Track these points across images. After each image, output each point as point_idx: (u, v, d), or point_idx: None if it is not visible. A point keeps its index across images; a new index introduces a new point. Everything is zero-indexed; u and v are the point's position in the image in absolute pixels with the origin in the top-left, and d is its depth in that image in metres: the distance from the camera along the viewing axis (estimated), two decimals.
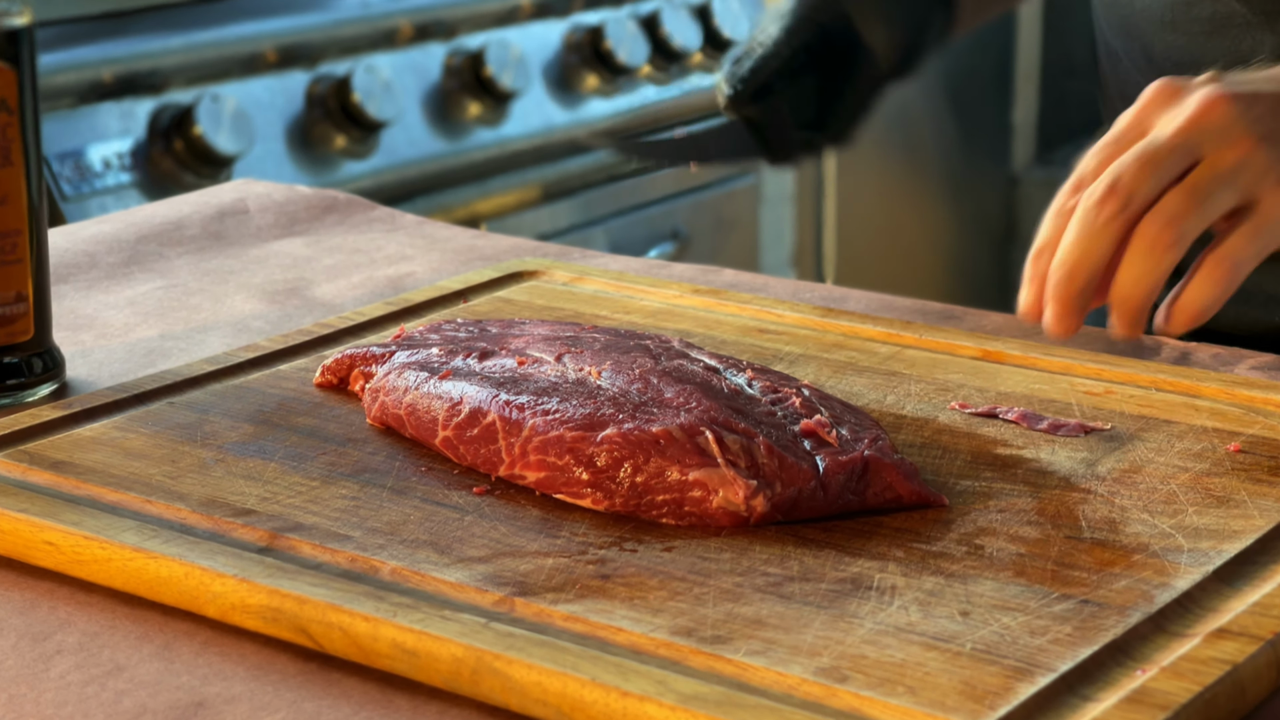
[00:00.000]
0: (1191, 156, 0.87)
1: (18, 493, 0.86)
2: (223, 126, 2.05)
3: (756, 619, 0.74)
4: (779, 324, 1.10)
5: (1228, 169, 0.86)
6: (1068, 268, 0.87)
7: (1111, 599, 0.75)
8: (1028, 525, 0.82)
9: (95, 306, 1.21)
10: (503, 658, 0.71)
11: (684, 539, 0.81)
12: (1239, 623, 0.73)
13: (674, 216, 2.65)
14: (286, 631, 0.76)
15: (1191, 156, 0.87)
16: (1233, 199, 0.87)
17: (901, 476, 0.84)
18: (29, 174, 1.02)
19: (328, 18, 2.24)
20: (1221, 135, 0.87)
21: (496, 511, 0.84)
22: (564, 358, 0.93)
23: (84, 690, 0.74)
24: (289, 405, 0.98)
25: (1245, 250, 0.87)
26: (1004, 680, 0.69)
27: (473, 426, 0.88)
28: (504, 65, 2.35)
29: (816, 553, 0.80)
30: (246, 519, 0.83)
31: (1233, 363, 1.05)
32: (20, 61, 1.01)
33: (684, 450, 0.83)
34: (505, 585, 0.77)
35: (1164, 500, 0.85)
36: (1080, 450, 0.91)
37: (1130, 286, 0.86)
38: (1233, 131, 0.87)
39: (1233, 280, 0.87)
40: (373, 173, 2.21)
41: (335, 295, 1.22)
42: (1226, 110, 0.87)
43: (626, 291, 1.17)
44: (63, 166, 1.94)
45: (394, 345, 1.00)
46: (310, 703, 0.72)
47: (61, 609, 0.80)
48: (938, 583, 0.77)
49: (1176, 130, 0.87)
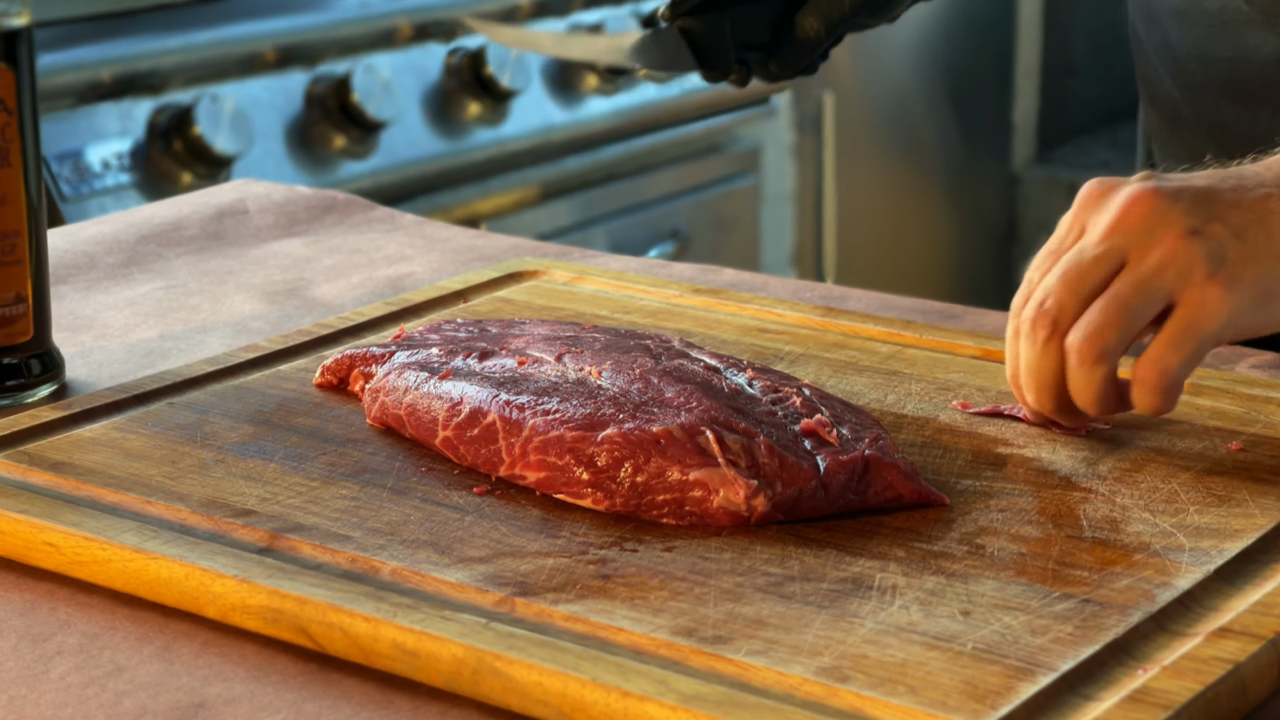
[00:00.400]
0: (1117, 261, 0.86)
1: (18, 494, 0.86)
2: (222, 127, 2.05)
3: (757, 619, 0.74)
4: (779, 323, 1.10)
5: (1150, 271, 0.85)
6: (1034, 393, 0.89)
7: (1113, 598, 0.75)
8: (1029, 524, 0.82)
9: (95, 307, 1.21)
10: (503, 658, 0.71)
11: (684, 539, 0.81)
12: (1240, 621, 0.73)
13: (674, 216, 2.65)
14: (287, 632, 0.76)
15: (1117, 261, 0.86)
16: (1157, 303, 0.86)
17: (902, 476, 0.84)
18: (28, 175, 1.02)
19: (327, 18, 2.24)
20: (1146, 234, 0.86)
21: (497, 512, 0.84)
22: (564, 358, 0.93)
23: (84, 691, 0.74)
24: (289, 406, 0.98)
25: (1171, 357, 0.86)
26: (1005, 680, 0.69)
27: (473, 426, 0.88)
28: (503, 65, 2.35)
29: (817, 552, 0.80)
30: (246, 519, 0.83)
31: (1234, 361, 1.05)
32: (19, 62, 1.01)
33: (684, 450, 0.83)
34: (506, 585, 0.77)
35: (1165, 499, 0.85)
36: (1081, 449, 0.91)
37: (1077, 397, 0.87)
38: (1156, 229, 0.86)
39: (1169, 384, 0.86)
40: (372, 173, 2.21)
41: (335, 295, 1.22)
42: (1151, 207, 0.86)
43: (626, 291, 1.17)
44: (62, 167, 1.94)
45: (394, 345, 1.00)
46: (311, 703, 0.72)
47: (62, 610, 0.80)
48: (939, 582, 0.77)
49: (1101, 236, 0.86)
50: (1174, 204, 0.86)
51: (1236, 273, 0.86)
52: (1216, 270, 0.85)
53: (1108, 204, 0.88)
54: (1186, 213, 0.86)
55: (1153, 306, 0.85)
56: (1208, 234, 0.86)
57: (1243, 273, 0.86)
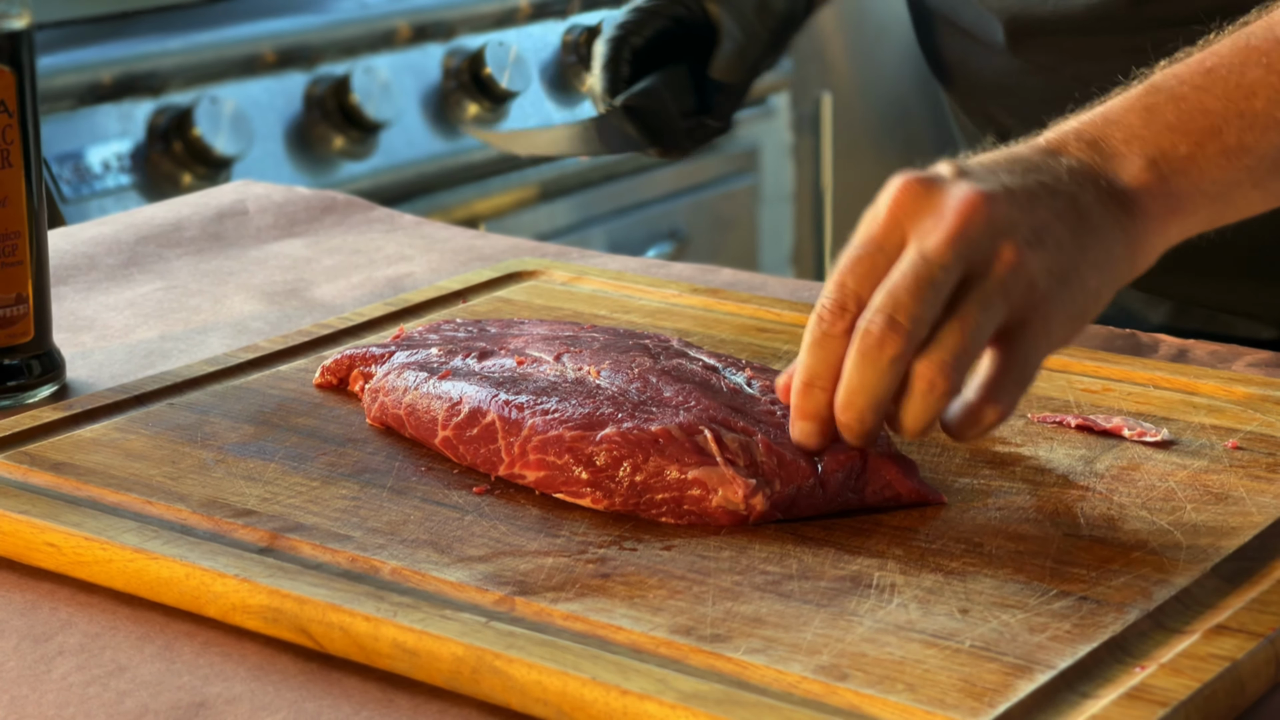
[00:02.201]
0: (960, 272, 0.81)
1: (19, 494, 0.86)
2: (222, 128, 2.06)
3: (756, 617, 0.74)
4: (778, 323, 1.10)
5: (997, 288, 0.81)
6: (858, 410, 0.81)
7: (1110, 596, 0.75)
8: (1027, 523, 0.83)
9: (95, 308, 1.21)
10: (503, 657, 0.71)
11: (683, 538, 0.82)
12: (1238, 619, 0.73)
13: (673, 216, 2.65)
14: (287, 632, 0.76)
15: (960, 272, 0.81)
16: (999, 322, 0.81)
17: (900, 474, 0.84)
18: (29, 176, 1.02)
19: (326, 19, 2.24)
20: (988, 244, 0.81)
21: (496, 511, 0.84)
22: (563, 357, 0.94)
23: (86, 691, 0.74)
24: (289, 406, 0.98)
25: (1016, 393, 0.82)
26: (1003, 677, 0.69)
27: (472, 426, 0.88)
28: (502, 66, 2.35)
29: (816, 551, 0.80)
30: (247, 519, 0.83)
31: (1230, 360, 1.06)
32: (20, 64, 1.01)
33: (683, 449, 0.83)
34: (505, 584, 0.77)
35: (1162, 497, 0.85)
36: (1079, 448, 0.91)
37: (910, 423, 0.81)
38: (997, 240, 0.81)
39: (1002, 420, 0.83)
40: (371, 173, 2.21)
41: (334, 296, 1.22)
42: (987, 215, 0.81)
43: (625, 291, 1.17)
44: (62, 168, 1.94)
45: (393, 345, 1.01)
46: (311, 703, 0.72)
47: (63, 610, 0.80)
48: (937, 580, 0.77)
49: (943, 243, 0.80)
50: (1009, 210, 0.82)
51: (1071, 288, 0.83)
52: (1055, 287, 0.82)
53: (940, 207, 0.82)
54: (1021, 221, 0.82)
55: (991, 329, 0.81)
56: (1043, 245, 0.82)
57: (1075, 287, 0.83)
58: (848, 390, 0.81)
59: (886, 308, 0.80)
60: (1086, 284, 0.83)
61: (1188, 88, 0.88)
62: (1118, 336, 1.11)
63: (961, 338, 0.80)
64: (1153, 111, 0.88)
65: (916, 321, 0.80)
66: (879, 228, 0.82)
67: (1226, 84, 0.88)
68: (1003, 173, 0.84)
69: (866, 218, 0.83)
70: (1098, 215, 0.84)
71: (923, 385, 0.80)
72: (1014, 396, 0.82)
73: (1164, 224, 0.87)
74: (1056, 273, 0.82)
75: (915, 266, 0.80)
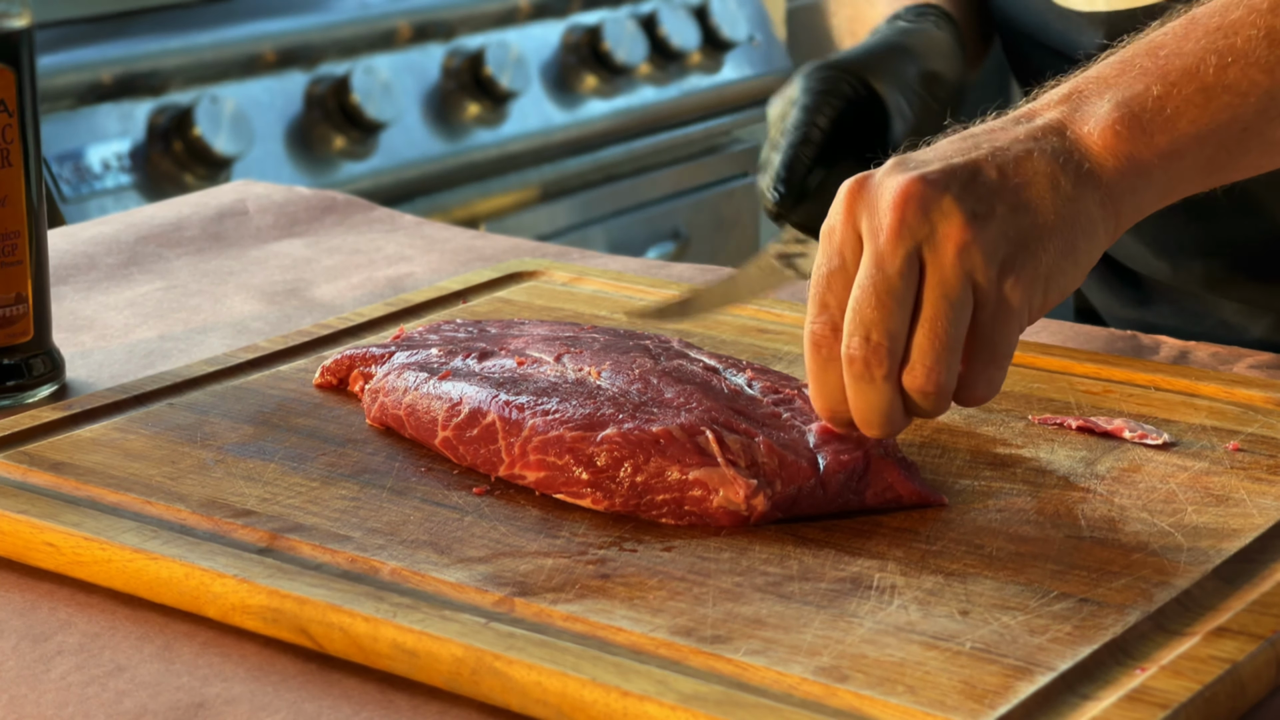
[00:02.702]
0: (916, 267, 0.80)
1: (18, 494, 0.86)
2: (222, 128, 2.06)
3: (756, 618, 0.74)
4: (778, 323, 1.10)
5: (953, 278, 0.79)
6: (880, 427, 0.82)
7: (1111, 598, 0.75)
8: (1027, 524, 0.83)
9: (95, 308, 1.21)
10: (503, 658, 0.71)
11: (683, 539, 0.81)
12: (1238, 621, 0.73)
13: (673, 216, 2.65)
14: (287, 632, 0.76)
15: (916, 267, 0.80)
16: (968, 310, 0.80)
17: (902, 476, 0.84)
18: (28, 175, 1.02)
19: (326, 19, 2.24)
20: (931, 228, 0.79)
21: (496, 512, 0.84)
22: (563, 358, 0.94)
23: (85, 691, 0.74)
24: (289, 406, 0.98)
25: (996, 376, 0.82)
26: (1004, 679, 0.69)
27: (472, 427, 0.88)
28: (503, 66, 2.35)
29: (816, 552, 0.80)
30: (246, 520, 0.83)
31: (1231, 361, 1.06)
32: (19, 63, 1.01)
33: (684, 450, 0.83)
34: (505, 585, 0.77)
35: (1163, 499, 0.85)
36: (1079, 449, 0.91)
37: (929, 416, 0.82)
38: (940, 222, 0.79)
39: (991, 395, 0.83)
40: (372, 173, 2.21)
41: (335, 296, 1.22)
42: (921, 199, 0.80)
43: (625, 291, 1.17)
44: (62, 168, 1.94)
45: (393, 346, 1.00)
46: (310, 703, 0.72)
47: (62, 610, 0.80)
48: (937, 582, 0.77)
49: (888, 243, 0.79)
50: (946, 190, 0.80)
51: (1032, 251, 0.81)
52: (1010, 262, 0.80)
53: (877, 204, 0.81)
54: (961, 197, 0.80)
55: (966, 314, 0.80)
56: (990, 216, 0.80)
57: (1037, 250, 0.81)
58: (859, 414, 0.82)
59: (858, 329, 0.80)
60: (1051, 243, 0.81)
61: (1168, 36, 0.86)
62: (1119, 338, 1.11)
63: (934, 341, 0.80)
64: (1127, 60, 0.86)
65: (890, 335, 0.80)
66: (836, 238, 0.82)
67: (1206, 27, 0.86)
68: (950, 151, 0.83)
69: (823, 230, 0.83)
70: (1060, 169, 0.82)
71: (917, 398, 0.81)
72: (989, 378, 0.82)
73: (1144, 170, 0.84)
74: (1014, 237, 0.80)
75: (871, 278, 0.80)
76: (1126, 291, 1.23)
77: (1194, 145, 0.85)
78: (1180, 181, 0.86)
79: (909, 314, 0.80)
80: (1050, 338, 1.10)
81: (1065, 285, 0.83)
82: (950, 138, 0.85)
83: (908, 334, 0.81)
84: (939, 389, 0.81)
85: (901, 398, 0.82)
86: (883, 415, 0.82)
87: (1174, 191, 0.86)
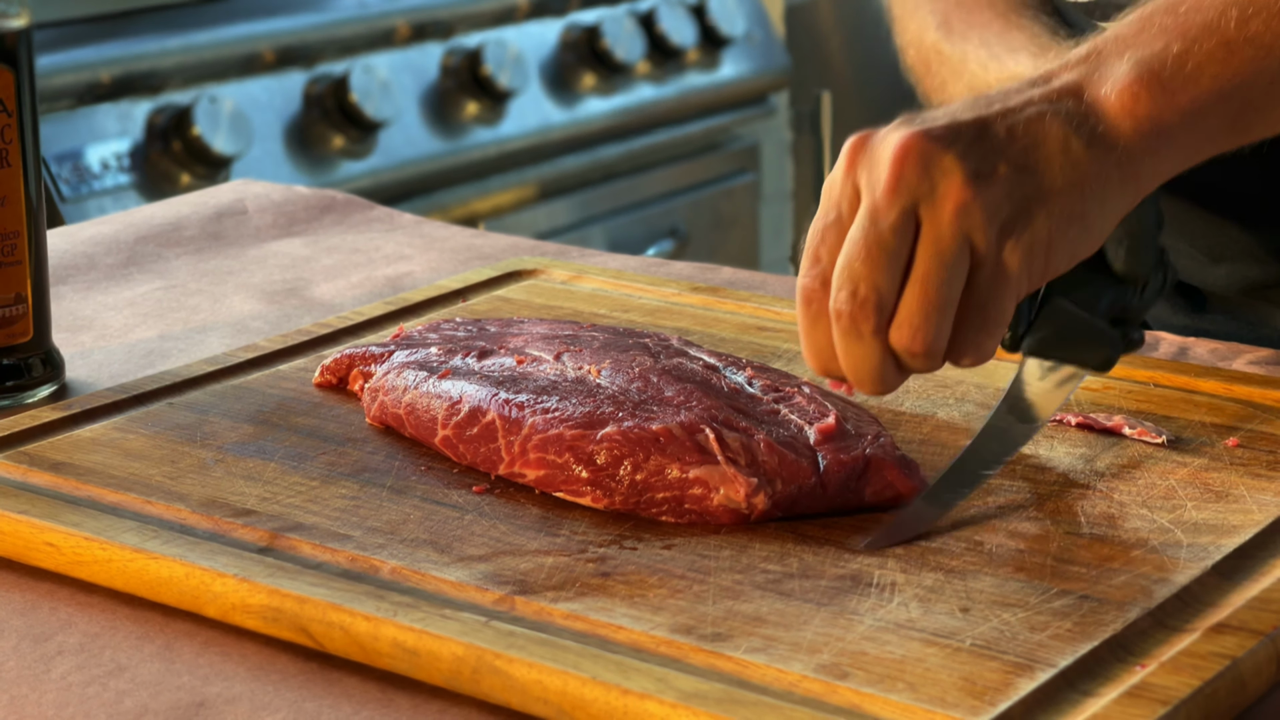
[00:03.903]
0: (911, 224, 0.78)
1: (18, 494, 0.86)
2: (221, 127, 2.06)
3: (756, 616, 0.74)
4: (777, 321, 1.10)
5: (949, 237, 0.78)
6: (870, 384, 0.81)
7: (1111, 594, 0.75)
8: (1027, 521, 0.83)
9: (94, 308, 1.21)
10: (503, 656, 0.71)
11: (683, 537, 0.81)
12: (1238, 617, 0.73)
13: (673, 214, 2.65)
14: (287, 631, 0.76)
15: (911, 224, 0.78)
16: (964, 269, 0.79)
17: (902, 474, 0.84)
18: (27, 175, 1.02)
19: (325, 18, 2.24)
20: (930, 187, 0.78)
21: (496, 510, 0.84)
22: (563, 356, 0.94)
23: (85, 691, 0.74)
24: (288, 405, 0.98)
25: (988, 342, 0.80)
26: (1004, 676, 0.69)
27: (472, 425, 0.88)
28: (501, 64, 2.35)
29: (816, 550, 0.80)
30: (246, 519, 0.83)
31: (1230, 358, 1.06)
32: (18, 63, 1.01)
33: (684, 448, 0.83)
34: (505, 584, 0.77)
35: (1163, 495, 0.85)
36: (1079, 446, 0.91)
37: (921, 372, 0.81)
38: (939, 181, 0.78)
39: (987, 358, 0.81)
40: (371, 172, 2.21)
41: (334, 295, 1.22)
42: (926, 155, 0.78)
43: (625, 290, 1.17)
44: (61, 168, 1.94)
45: (393, 345, 1.00)
46: (311, 702, 0.72)
47: (62, 610, 0.80)
48: (937, 579, 0.77)
49: (884, 197, 0.78)
50: (949, 148, 0.79)
51: (1033, 216, 0.79)
52: (1010, 224, 0.79)
53: (877, 158, 0.79)
54: (964, 155, 0.79)
55: (961, 275, 0.79)
56: (993, 176, 0.79)
57: (1040, 215, 0.79)
58: (850, 370, 0.81)
59: (846, 283, 0.79)
60: (1056, 207, 0.80)
61: None
62: None
63: (924, 301, 0.78)
64: (1146, 18, 0.84)
65: (878, 290, 0.78)
66: (835, 191, 0.81)
67: None
68: (959, 110, 0.81)
69: (825, 184, 0.81)
70: (1072, 132, 0.80)
71: (905, 358, 0.80)
72: (979, 343, 0.80)
73: (1165, 131, 0.82)
74: (1017, 200, 0.79)
75: (864, 230, 0.79)
76: (1179, 299, 1.22)
77: (1218, 102, 0.83)
78: (1205, 140, 0.84)
79: (900, 270, 0.79)
80: None
81: (1072, 252, 0.81)
82: (965, 99, 0.83)
83: (899, 291, 0.79)
84: (926, 349, 0.79)
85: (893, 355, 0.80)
86: (873, 372, 0.80)
87: (1199, 151, 0.84)
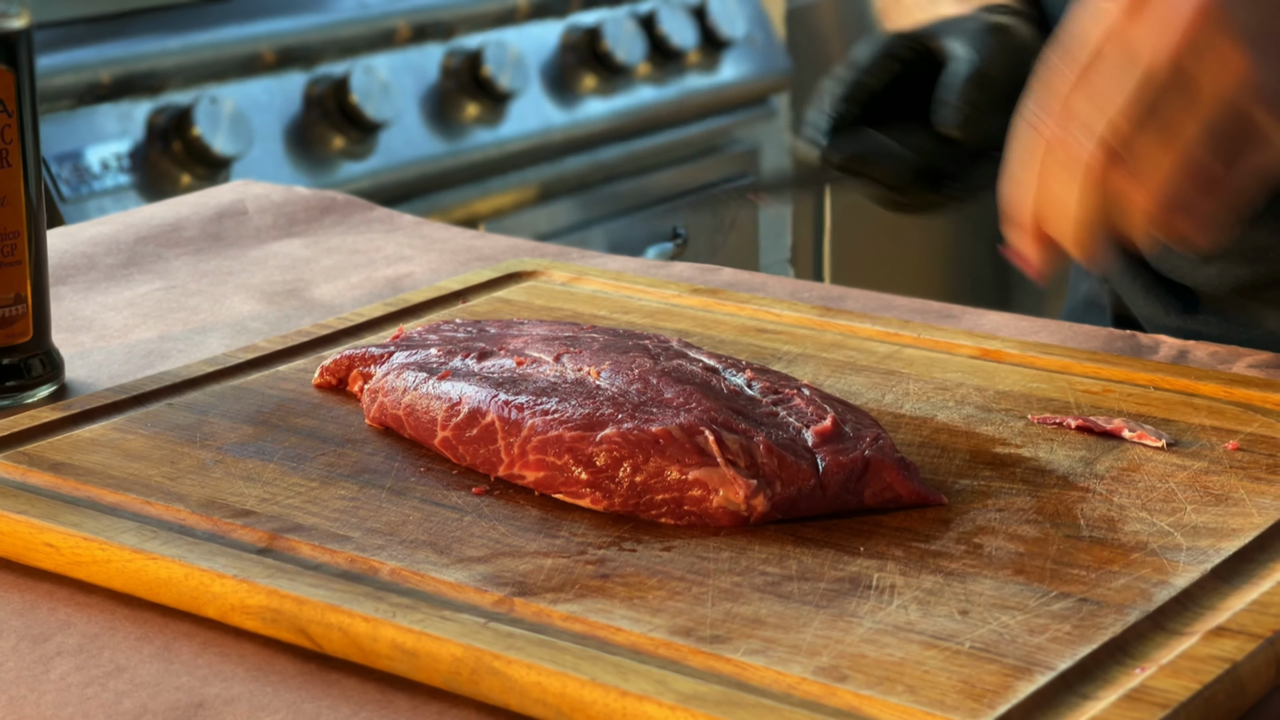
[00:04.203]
0: (1185, 92, 0.75)
1: (17, 494, 0.86)
2: (221, 128, 2.06)
3: (755, 618, 0.74)
4: (777, 323, 1.10)
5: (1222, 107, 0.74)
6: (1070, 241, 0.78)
7: (1110, 597, 0.75)
8: (1026, 524, 0.83)
9: (94, 308, 1.21)
10: (502, 658, 0.71)
11: (683, 539, 0.81)
12: (1238, 621, 0.73)
13: (672, 216, 2.65)
14: (286, 632, 0.76)
15: (1185, 92, 0.75)
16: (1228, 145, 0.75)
17: (901, 476, 0.84)
18: (27, 176, 1.02)
19: (325, 19, 2.24)
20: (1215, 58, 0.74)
21: (495, 512, 0.84)
22: (563, 358, 0.94)
23: (84, 691, 0.74)
24: (288, 406, 0.98)
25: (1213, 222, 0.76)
26: (1003, 679, 0.69)
27: (471, 427, 0.88)
28: (502, 65, 2.35)
29: (815, 552, 0.80)
30: (246, 520, 0.83)
31: (1230, 361, 1.06)
32: (18, 63, 1.01)
33: (683, 450, 0.83)
34: (504, 585, 0.77)
35: (1162, 499, 0.85)
36: (1079, 449, 0.91)
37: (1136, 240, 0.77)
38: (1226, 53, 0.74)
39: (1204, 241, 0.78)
40: (371, 173, 2.21)
41: (334, 296, 1.22)
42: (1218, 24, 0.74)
43: (625, 291, 1.17)
44: (61, 168, 1.94)
45: (392, 346, 1.00)
46: (310, 703, 0.72)
47: (61, 610, 0.80)
48: (937, 581, 0.77)
49: (1167, 58, 0.74)
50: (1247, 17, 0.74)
51: None
52: None
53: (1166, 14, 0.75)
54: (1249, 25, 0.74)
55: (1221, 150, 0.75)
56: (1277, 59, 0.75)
57: None
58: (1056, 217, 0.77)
59: (1100, 129, 0.75)
60: None
61: None
62: (1118, 338, 1.11)
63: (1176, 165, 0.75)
64: None
65: (1130, 148, 0.75)
66: (1101, 32, 0.76)
67: None
68: None
69: (1088, 18, 0.77)
70: None
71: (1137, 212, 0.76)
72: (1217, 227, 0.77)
73: None
74: None
75: (1137, 86, 0.75)
76: (1171, 300, 1.22)
77: None
78: None
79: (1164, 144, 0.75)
80: (1049, 337, 1.11)
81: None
82: None
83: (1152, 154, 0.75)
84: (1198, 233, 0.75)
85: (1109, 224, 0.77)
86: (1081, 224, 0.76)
87: None
